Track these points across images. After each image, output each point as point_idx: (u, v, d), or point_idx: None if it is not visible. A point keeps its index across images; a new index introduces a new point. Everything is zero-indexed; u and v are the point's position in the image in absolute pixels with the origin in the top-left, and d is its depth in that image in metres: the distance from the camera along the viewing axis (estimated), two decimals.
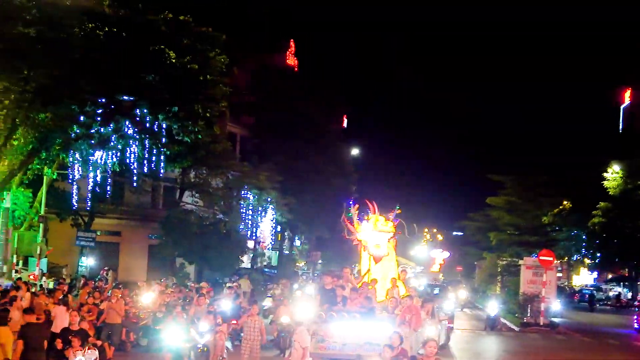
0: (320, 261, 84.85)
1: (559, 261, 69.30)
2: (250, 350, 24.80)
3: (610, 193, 73.58)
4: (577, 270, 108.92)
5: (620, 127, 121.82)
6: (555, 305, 55.64)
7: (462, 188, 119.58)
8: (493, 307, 50.24)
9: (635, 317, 54.61)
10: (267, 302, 40.01)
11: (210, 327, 25.24)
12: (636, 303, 76.90)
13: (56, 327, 25.24)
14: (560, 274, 77.46)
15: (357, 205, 29.84)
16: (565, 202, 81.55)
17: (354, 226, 29.21)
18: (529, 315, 51.48)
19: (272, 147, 71.02)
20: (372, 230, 29.00)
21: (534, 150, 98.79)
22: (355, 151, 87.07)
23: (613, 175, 74.22)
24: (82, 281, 41.84)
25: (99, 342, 19.45)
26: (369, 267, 29.28)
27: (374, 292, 27.61)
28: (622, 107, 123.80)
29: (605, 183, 73.99)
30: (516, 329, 49.61)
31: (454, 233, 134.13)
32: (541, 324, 49.68)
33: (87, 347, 18.53)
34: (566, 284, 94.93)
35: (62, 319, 25.98)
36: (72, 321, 19.27)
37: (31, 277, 41.76)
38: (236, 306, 34.57)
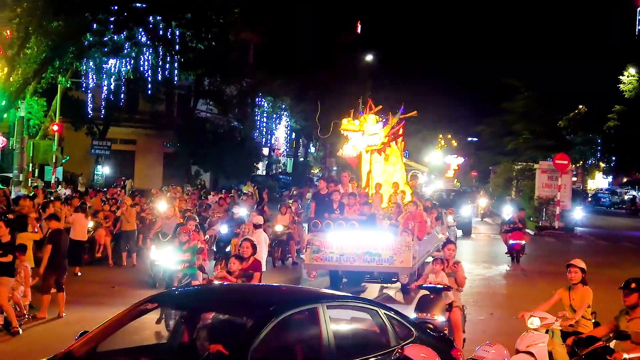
0: (335, 168, 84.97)
1: (574, 165, 69.35)
2: None
3: (625, 96, 73.25)
4: (592, 174, 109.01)
5: (637, 29, 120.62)
6: (577, 214, 55.48)
7: (477, 93, 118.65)
8: (508, 211, 50.33)
9: None
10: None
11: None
12: None
13: (75, 234, 25.52)
14: (575, 178, 77.46)
15: (359, 101, 28.03)
16: (580, 107, 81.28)
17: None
18: (544, 219, 51.65)
19: (286, 53, 70.61)
20: (341, 129, 26.43)
21: (550, 53, 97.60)
22: (369, 57, 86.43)
23: (629, 78, 73.78)
24: (95, 189, 41.97)
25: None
26: (370, 170, 27.25)
27: (380, 198, 26.35)
28: (638, 9, 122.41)
29: (621, 86, 73.61)
30: (531, 232, 49.77)
31: (469, 139, 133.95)
32: (556, 227, 49.85)
33: None
34: (581, 187, 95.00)
35: (80, 225, 26.23)
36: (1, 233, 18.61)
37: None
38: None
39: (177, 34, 43.53)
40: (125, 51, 42.17)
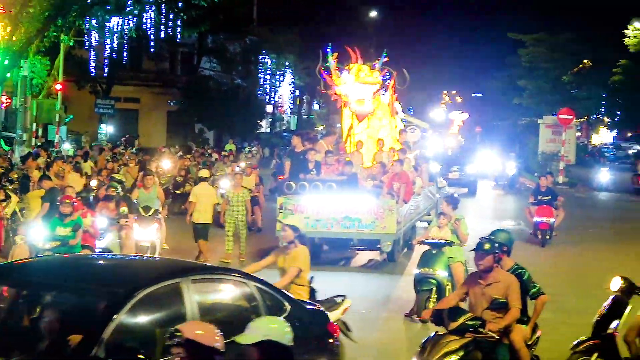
0: (338, 125, 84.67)
1: (578, 120, 69.23)
2: (235, 226, 21.65)
3: (630, 50, 72.92)
4: (596, 129, 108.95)
5: None
6: (603, 176, 52.45)
7: (482, 48, 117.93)
8: (511, 166, 50.12)
9: None
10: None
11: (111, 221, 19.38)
12: None
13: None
14: (579, 133, 77.43)
15: (335, 54, 25.16)
16: (585, 61, 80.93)
17: (332, 78, 24.39)
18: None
19: (290, 9, 70.18)
20: (354, 82, 24.05)
21: (555, 8, 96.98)
22: (373, 13, 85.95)
23: (634, 32, 73.42)
24: (98, 148, 41.98)
25: None
26: (351, 125, 24.86)
27: (359, 157, 24.02)
28: None
29: (626, 40, 73.26)
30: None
31: (473, 94, 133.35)
32: (560, 182, 49.73)
33: None
34: (586, 142, 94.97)
35: (75, 184, 26.24)
36: None
37: None
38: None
39: None
40: (128, 9, 42.00)
